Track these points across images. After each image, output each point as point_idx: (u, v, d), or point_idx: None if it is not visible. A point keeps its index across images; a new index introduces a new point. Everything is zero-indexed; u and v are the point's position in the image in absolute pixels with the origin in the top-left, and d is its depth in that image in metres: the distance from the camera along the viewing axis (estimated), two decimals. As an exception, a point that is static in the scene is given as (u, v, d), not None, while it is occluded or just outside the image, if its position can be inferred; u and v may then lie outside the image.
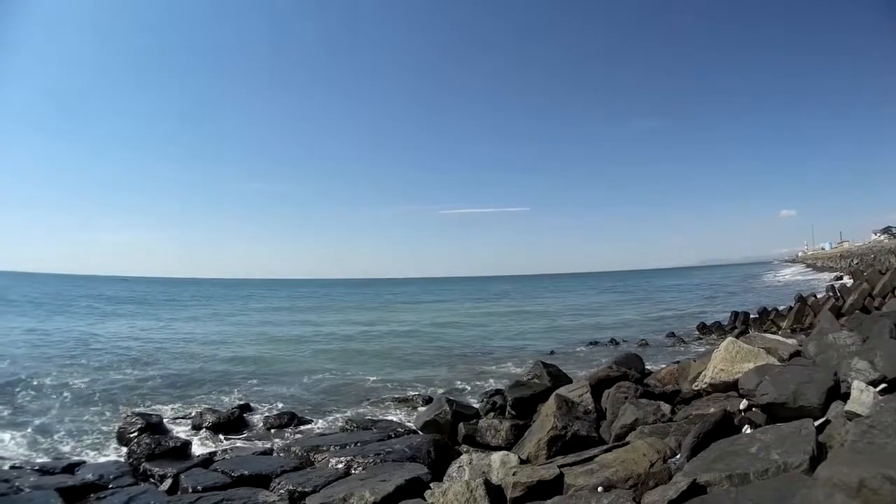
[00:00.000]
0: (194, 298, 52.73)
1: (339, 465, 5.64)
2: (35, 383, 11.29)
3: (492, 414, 7.35)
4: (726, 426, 4.04)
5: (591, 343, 15.85)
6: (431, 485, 4.22)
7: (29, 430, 8.09)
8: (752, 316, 17.50)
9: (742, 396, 4.84)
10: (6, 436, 8.05)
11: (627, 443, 4.29)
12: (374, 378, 11.51)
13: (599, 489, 3.47)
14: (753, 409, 4.63)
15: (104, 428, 8.13)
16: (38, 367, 12.75)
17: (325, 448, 6.32)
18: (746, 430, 4.07)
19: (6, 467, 6.26)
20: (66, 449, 7.29)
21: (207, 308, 37.71)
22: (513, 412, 7.19)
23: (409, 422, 7.97)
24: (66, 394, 10.49)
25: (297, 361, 14.29)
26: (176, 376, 12.10)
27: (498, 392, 8.35)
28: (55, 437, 7.89)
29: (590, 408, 5.66)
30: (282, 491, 4.81)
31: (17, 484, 5.52)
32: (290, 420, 8.03)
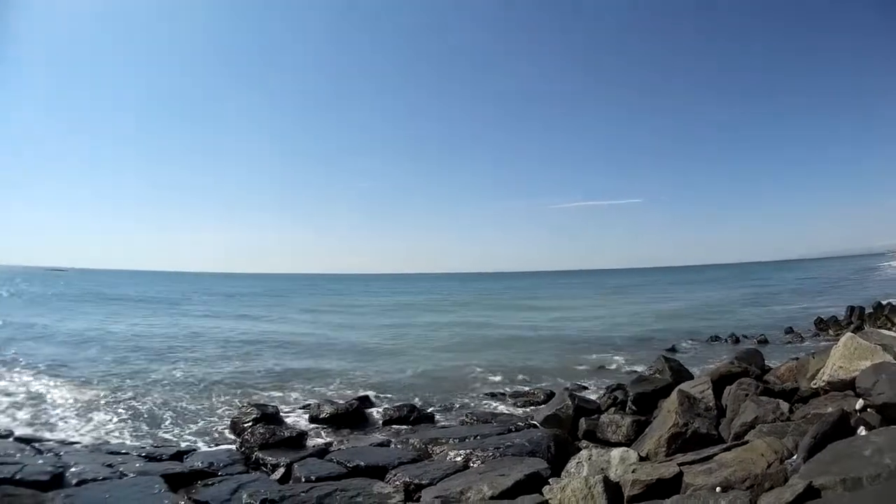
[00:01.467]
0: (309, 292, 66.18)
1: (458, 459, 6.57)
2: (149, 376, 13.93)
3: (613, 409, 8.36)
4: (843, 427, 4.45)
5: (711, 338, 18.47)
6: (550, 480, 5.05)
7: (141, 419, 10.18)
8: (866, 311, 19.28)
9: (858, 396, 5.27)
10: (117, 424, 9.82)
11: (746, 442, 4.90)
12: (496, 372, 13.94)
13: (717, 489, 4.01)
14: (869, 409, 5.00)
15: (218, 418, 10.01)
16: (151, 359, 16.00)
17: (444, 441, 7.38)
18: (861, 431, 4.45)
19: (108, 452, 7.69)
20: (177, 438, 8.96)
21: (323, 301, 46.92)
22: (634, 407, 8.13)
23: (529, 416, 9.19)
24: (180, 385, 12.95)
25: (419, 355, 17.41)
26: (295, 368, 15.00)
27: (619, 387, 9.51)
28: (167, 426, 9.74)
29: (710, 404, 6.45)
30: (397, 483, 5.76)
31: (121, 469, 6.65)
32: (409, 412, 9.39)
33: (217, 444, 8.30)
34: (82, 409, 11.06)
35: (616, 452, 5.29)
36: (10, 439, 8.34)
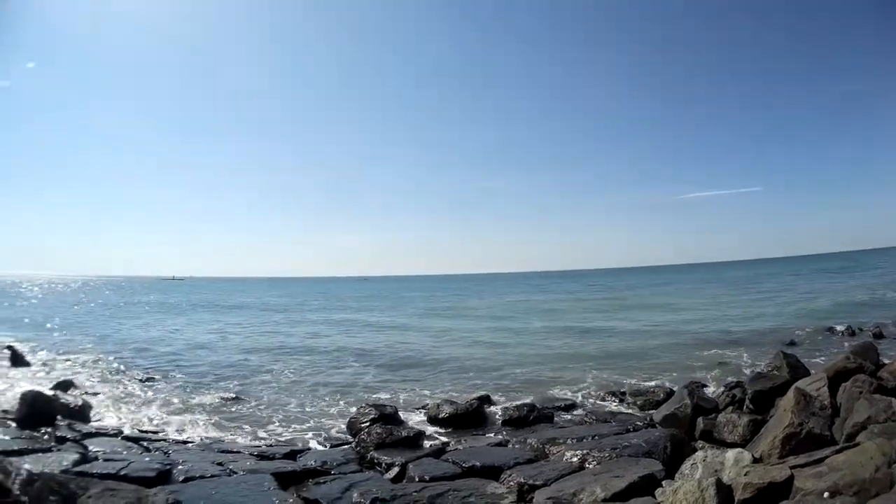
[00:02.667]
0: (420, 293, 76.04)
1: (574, 459, 7.20)
2: (265, 378, 16.17)
3: (730, 408, 8.80)
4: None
5: (827, 330, 19.75)
6: (663, 482, 5.56)
7: (255, 420, 11.89)
8: None
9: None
10: (231, 424, 11.21)
11: (857, 444, 5.07)
12: (615, 370, 15.33)
13: (825, 495, 4.23)
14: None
15: (335, 419, 11.29)
16: (266, 362, 18.88)
17: (561, 441, 8.06)
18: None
19: (219, 451, 8.75)
20: (292, 438, 10.15)
21: (436, 304, 53.09)
22: (751, 406, 8.53)
23: (648, 415, 9.84)
24: (298, 387, 14.90)
25: (537, 354, 19.27)
26: (414, 368, 17.28)
27: (738, 384, 9.94)
28: (282, 426, 11.10)
29: (825, 403, 6.70)
30: (511, 483, 6.41)
31: (230, 467, 7.49)
32: (528, 412, 10.22)
33: (333, 445, 9.39)
34: (195, 409, 12.64)
35: (731, 454, 5.64)
36: (119, 438, 9.55)
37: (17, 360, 18.28)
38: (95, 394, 13.89)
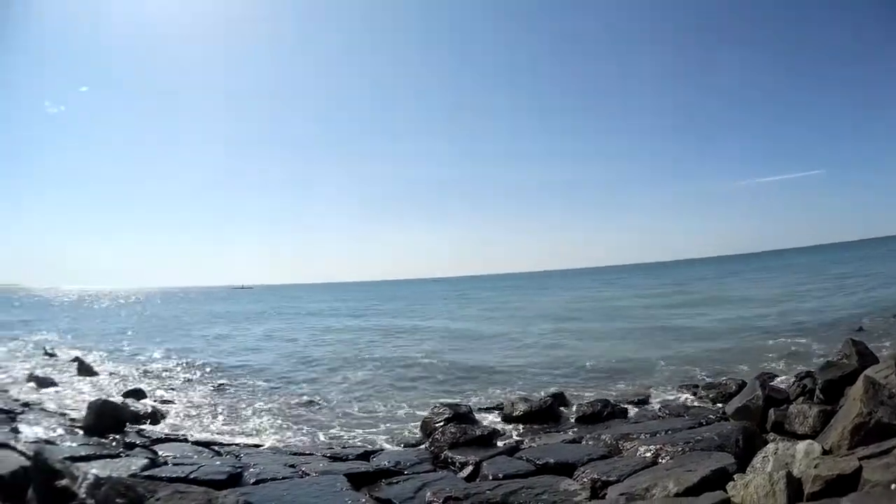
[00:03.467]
0: (488, 291, 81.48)
1: (647, 454, 7.47)
2: (337, 379, 17.45)
3: (801, 398, 9.02)
4: None
5: (893, 317, 20.12)
6: (735, 476, 5.75)
7: (329, 422, 12.58)
8: None
9: None
10: (305, 427, 11.94)
11: None
12: (688, 363, 16.11)
13: (893, 486, 4.35)
14: None
15: (409, 419, 11.98)
16: (339, 363, 20.41)
17: (634, 436, 8.40)
18: None
19: (291, 453, 9.26)
20: (366, 439, 10.79)
21: (504, 300, 57.52)
22: (821, 396, 8.68)
23: (721, 408, 10.25)
24: (369, 387, 15.94)
25: (611, 348, 20.44)
26: (488, 366, 18.39)
27: (808, 374, 10.10)
28: (356, 428, 11.81)
29: (894, 391, 6.69)
30: (585, 480, 6.68)
31: (303, 469, 7.88)
32: (602, 408, 10.68)
33: (406, 445, 9.93)
34: (267, 414, 13.47)
35: (801, 446, 5.82)
36: (189, 443, 10.24)
37: (86, 370, 19.75)
38: (166, 401, 14.78)
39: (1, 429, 9.77)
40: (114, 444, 9.91)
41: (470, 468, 7.81)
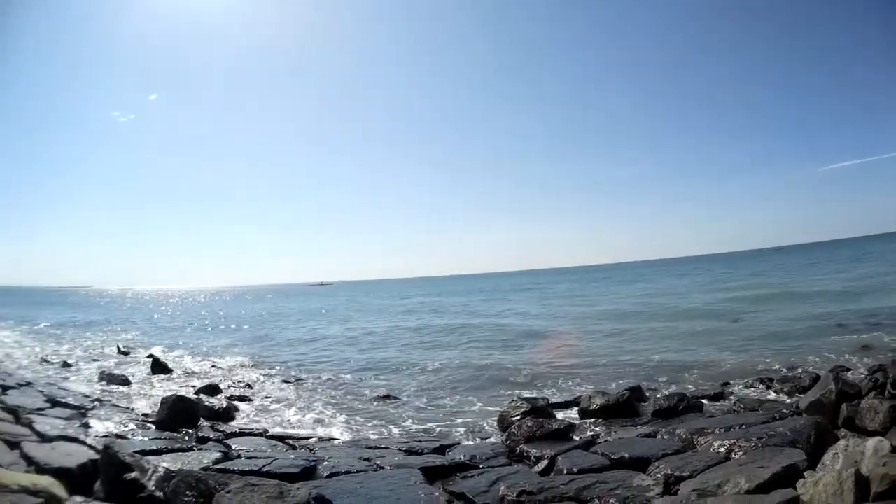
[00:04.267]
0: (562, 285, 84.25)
1: (721, 449, 7.77)
2: (414, 372, 18.81)
3: (872, 393, 9.17)
4: None
5: None
6: (805, 473, 6.00)
7: (407, 416, 13.26)
8: None
9: None
10: (381, 422, 12.76)
11: None
12: (765, 354, 16.89)
13: None
14: None
15: (485, 413, 12.70)
16: (416, 357, 21.78)
17: (709, 431, 8.69)
18: None
19: (366, 447, 9.70)
20: (442, 432, 11.50)
21: (589, 293, 61.48)
22: (892, 391, 8.87)
23: (796, 402, 10.53)
24: (446, 381, 17.00)
25: (689, 340, 21.31)
26: (564, 359, 19.39)
27: (880, 368, 10.18)
28: (432, 421, 12.64)
29: None
30: (658, 475, 6.94)
31: (377, 463, 8.35)
32: (678, 402, 11.04)
33: (482, 439, 10.54)
34: (343, 408, 14.41)
35: (870, 443, 5.95)
36: (263, 437, 10.80)
37: (160, 367, 21.12)
38: (241, 397, 15.54)
39: (71, 424, 10.24)
40: (186, 438, 10.51)
41: (545, 462, 8.20)
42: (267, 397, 16.06)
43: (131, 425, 11.31)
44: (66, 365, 22.01)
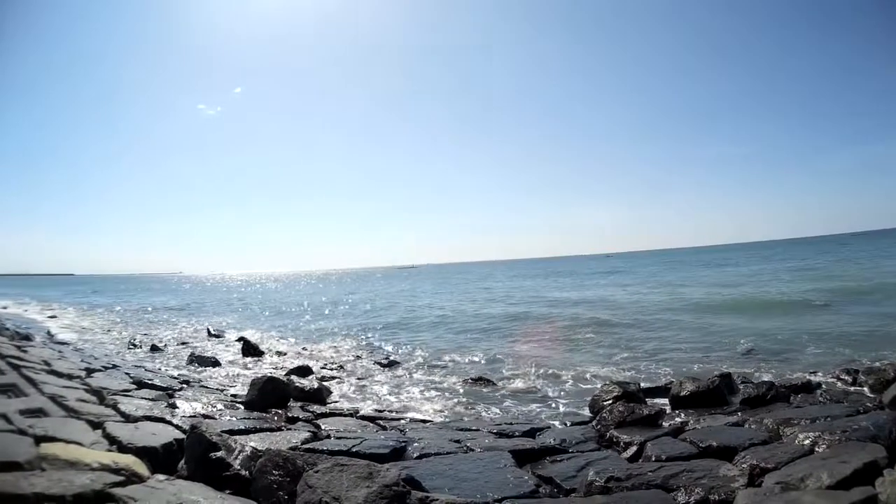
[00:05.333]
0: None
1: (806, 442, 8.18)
2: (508, 353, 20.40)
3: None
4: None
5: None
6: (884, 472, 6.34)
7: (499, 396, 14.42)
8: None
9: None
10: (473, 402, 13.79)
11: None
12: (850, 345, 17.87)
13: None
14: None
15: (578, 395, 13.58)
16: (509, 342, 23.58)
17: (795, 421, 9.00)
18: None
19: (457, 429, 10.39)
20: (533, 415, 12.23)
21: (689, 274, 63.91)
22: None
23: (879, 395, 11.08)
24: (541, 363, 18.22)
25: (778, 326, 22.56)
26: (656, 342, 20.84)
27: None
28: (524, 404, 13.55)
29: None
30: (744, 465, 7.44)
31: (467, 445, 8.85)
32: (767, 390, 11.58)
33: (573, 423, 10.98)
34: (436, 389, 15.53)
35: None
36: (353, 417, 11.46)
37: (250, 349, 22.71)
38: (332, 378, 17.01)
39: (157, 405, 10.95)
40: (275, 418, 11.17)
41: (634, 448, 8.67)
42: (358, 378, 17.40)
43: (219, 406, 12.07)
44: (154, 348, 24.17)
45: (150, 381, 14.00)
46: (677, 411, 11.65)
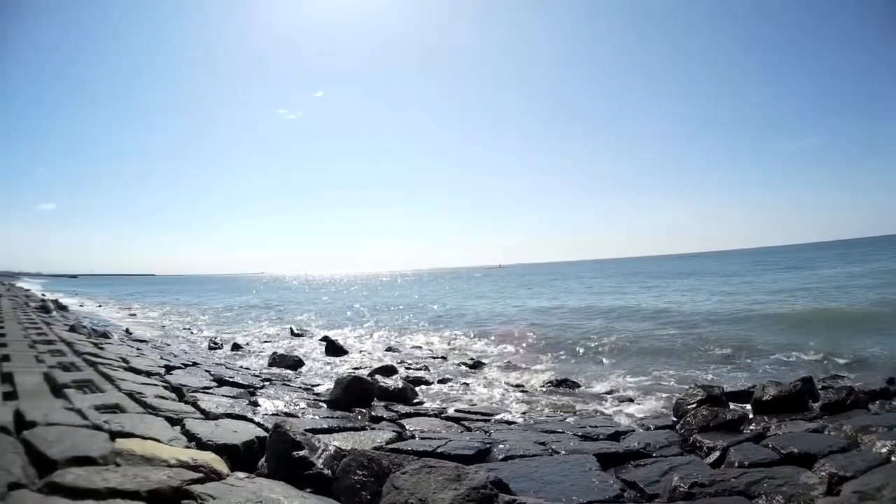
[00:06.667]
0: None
1: (883, 450, 8.37)
2: (596, 354, 21.47)
3: None
4: None
5: None
6: None
7: (585, 396, 15.04)
8: None
9: None
10: (558, 403, 14.21)
11: None
12: None
13: None
14: None
15: (661, 398, 14.21)
16: (595, 345, 24.17)
17: (874, 429, 9.17)
18: None
19: (542, 430, 10.72)
20: (616, 418, 12.54)
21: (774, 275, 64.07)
22: None
23: None
24: (625, 363, 19.12)
25: (858, 330, 23.20)
26: (754, 343, 21.62)
27: None
28: (606, 406, 14.00)
29: None
30: (823, 473, 7.69)
31: (553, 447, 9.15)
32: (846, 396, 11.83)
33: (657, 427, 11.14)
34: (522, 389, 16.27)
35: None
36: (438, 418, 11.77)
37: (334, 349, 23.65)
38: (417, 379, 17.40)
39: (238, 402, 11.33)
40: (359, 418, 11.53)
41: (717, 453, 8.84)
42: (444, 379, 18.07)
43: (302, 404, 12.46)
44: (236, 347, 25.64)
45: (230, 379, 14.67)
46: (759, 416, 11.97)
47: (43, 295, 60.67)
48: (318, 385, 16.02)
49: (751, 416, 11.98)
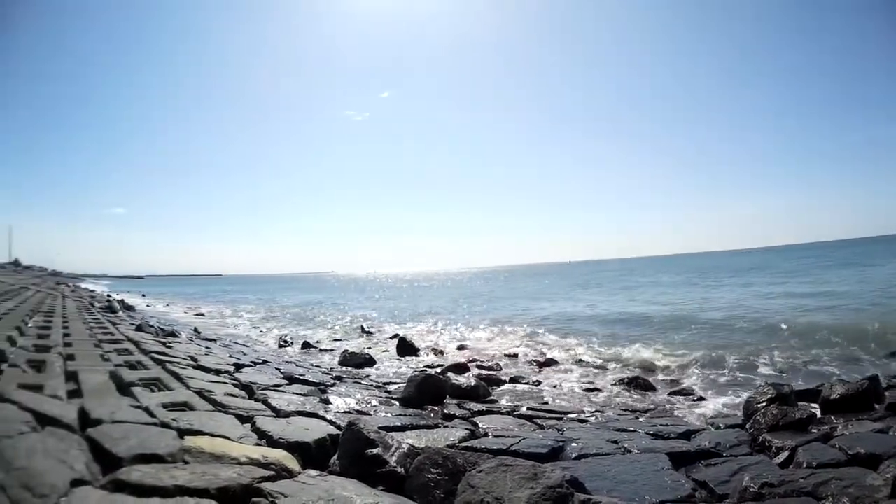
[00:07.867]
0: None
1: None
2: (670, 349, 22.23)
3: None
4: None
5: None
6: None
7: (658, 396, 15.40)
8: None
9: None
10: (628, 401, 14.57)
11: None
12: None
13: None
14: None
15: (732, 396, 14.70)
16: (669, 332, 25.74)
17: None
18: None
19: (614, 429, 10.86)
20: (688, 416, 12.84)
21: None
22: None
23: None
24: (697, 359, 19.85)
25: None
26: (813, 342, 21.73)
27: None
28: (681, 405, 14.33)
29: None
30: (888, 475, 7.77)
31: (625, 446, 9.22)
32: None
33: (727, 426, 11.20)
34: (594, 386, 16.68)
35: None
36: (511, 415, 11.92)
37: (406, 347, 24.11)
38: (490, 377, 17.76)
39: (310, 400, 11.39)
40: (431, 415, 11.64)
41: (786, 454, 8.85)
42: (515, 377, 18.45)
43: (374, 402, 12.60)
44: (306, 345, 26.51)
45: (301, 377, 14.85)
46: (826, 415, 12.11)
47: (109, 296, 61.72)
48: (390, 383, 16.12)
49: (818, 415, 12.08)
